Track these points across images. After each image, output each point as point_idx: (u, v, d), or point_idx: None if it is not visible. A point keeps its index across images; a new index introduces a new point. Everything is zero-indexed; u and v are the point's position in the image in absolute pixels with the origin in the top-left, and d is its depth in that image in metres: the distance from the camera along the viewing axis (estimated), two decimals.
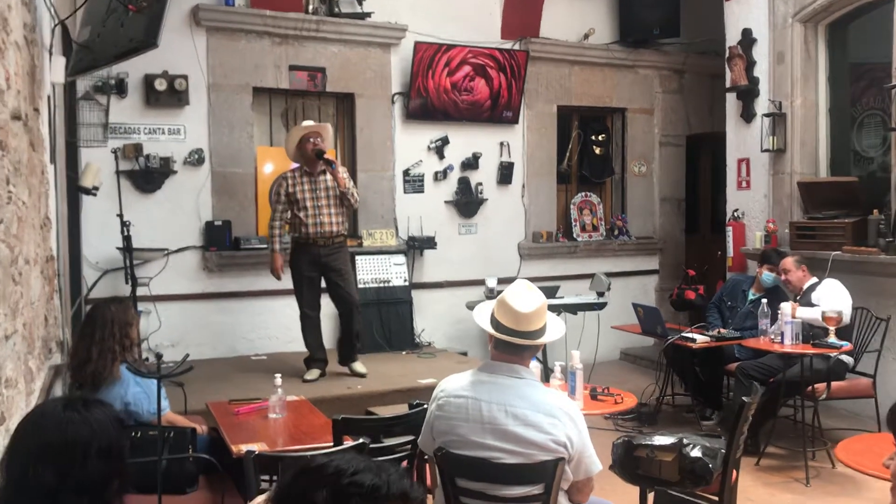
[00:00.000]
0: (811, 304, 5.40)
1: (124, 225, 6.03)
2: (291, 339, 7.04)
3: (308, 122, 6.07)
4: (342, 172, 5.96)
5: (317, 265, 5.99)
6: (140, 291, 6.23)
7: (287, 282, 6.97)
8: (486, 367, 2.79)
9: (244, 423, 3.83)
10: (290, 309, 7.02)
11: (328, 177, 5.92)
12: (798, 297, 5.62)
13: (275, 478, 2.85)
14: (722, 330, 6.02)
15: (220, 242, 6.79)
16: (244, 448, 3.34)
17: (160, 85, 6.50)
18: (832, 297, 5.36)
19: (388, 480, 1.42)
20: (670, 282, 8.58)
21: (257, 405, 4.06)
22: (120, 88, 6.41)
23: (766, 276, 5.94)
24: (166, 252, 6.62)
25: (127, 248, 6.06)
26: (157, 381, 3.24)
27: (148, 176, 6.57)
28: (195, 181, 6.76)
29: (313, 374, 6.03)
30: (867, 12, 6.46)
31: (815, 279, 5.67)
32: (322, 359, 6.16)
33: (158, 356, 3.20)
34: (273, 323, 7.05)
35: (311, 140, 5.86)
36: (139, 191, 6.58)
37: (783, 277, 5.76)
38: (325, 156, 5.88)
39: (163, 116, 6.64)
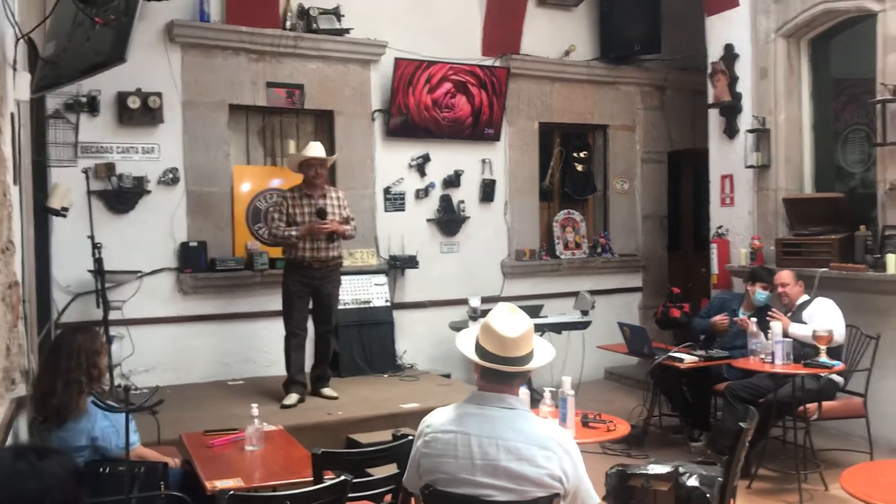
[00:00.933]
0: (802, 322, 5.31)
1: (95, 247, 5.80)
2: (269, 362, 6.87)
3: (316, 149, 5.94)
4: (339, 207, 5.97)
5: (309, 286, 5.93)
6: (112, 315, 6.00)
7: (264, 303, 6.84)
8: (473, 398, 2.63)
9: (219, 457, 3.65)
10: (267, 332, 6.87)
11: (327, 201, 5.90)
12: (790, 313, 5.53)
13: None
14: (709, 350, 5.92)
15: (195, 264, 6.60)
16: (219, 484, 3.17)
17: (133, 103, 6.33)
18: (824, 317, 5.28)
19: None
20: (654, 299, 8.50)
21: (233, 437, 3.88)
22: (92, 106, 6.23)
23: (760, 294, 5.83)
24: (140, 274, 6.43)
25: (98, 271, 5.82)
26: (125, 414, 3.06)
27: (121, 196, 6.38)
28: (170, 201, 6.58)
29: (292, 398, 5.86)
30: (849, 27, 6.44)
31: (807, 296, 5.59)
32: (302, 382, 6.01)
33: (126, 388, 3.03)
34: (250, 347, 6.85)
35: (315, 167, 5.84)
36: (111, 211, 6.39)
37: (780, 290, 5.66)
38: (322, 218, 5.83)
39: (136, 135, 6.46)
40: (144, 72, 6.31)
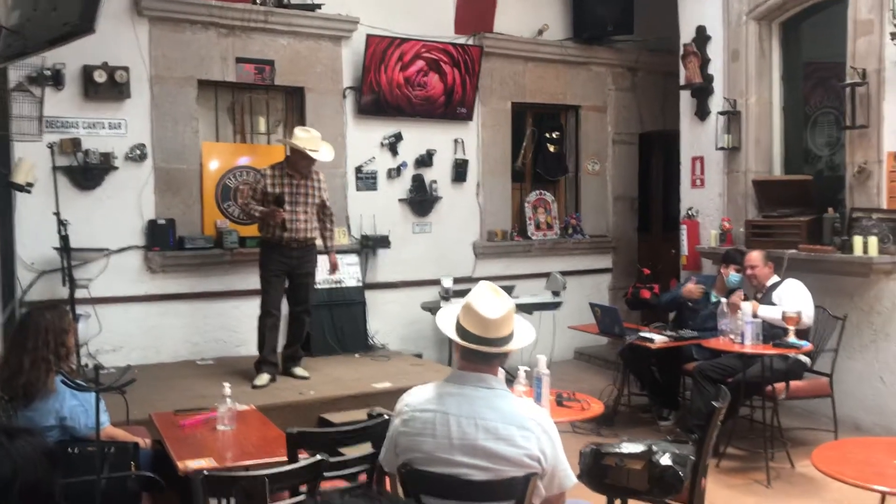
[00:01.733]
0: (771, 303, 5.37)
1: (61, 224, 5.73)
2: (239, 342, 6.82)
3: (325, 153, 5.86)
4: (318, 189, 5.94)
5: (287, 266, 5.87)
6: (79, 294, 5.92)
7: (234, 282, 6.77)
8: (453, 377, 2.62)
9: (191, 437, 3.61)
10: (237, 311, 6.82)
11: (309, 182, 5.86)
12: (759, 295, 5.59)
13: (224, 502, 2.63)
14: (680, 330, 5.97)
15: (163, 242, 6.50)
16: (191, 464, 3.14)
17: (100, 77, 6.19)
18: (794, 298, 5.34)
19: None
20: (624, 280, 8.55)
21: (204, 416, 3.83)
22: (56, 80, 6.09)
23: (734, 276, 5.88)
24: (107, 252, 6.32)
25: (64, 248, 5.75)
26: (95, 393, 3.00)
27: (87, 172, 6.25)
28: (137, 178, 6.46)
29: (263, 379, 5.81)
30: (820, 11, 6.47)
31: (776, 278, 5.65)
32: (274, 363, 5.96)
33: (97, 367, 2.97)
34: (220, 326, 6.79)
35: (309, 158, 5.75)
36: (77, 188, 6.26)
37: (749, 272, 5.70)
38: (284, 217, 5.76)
39: (102, 110, 6.32)
40: (111, 45, 6.17)
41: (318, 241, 6.08)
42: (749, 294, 5.65)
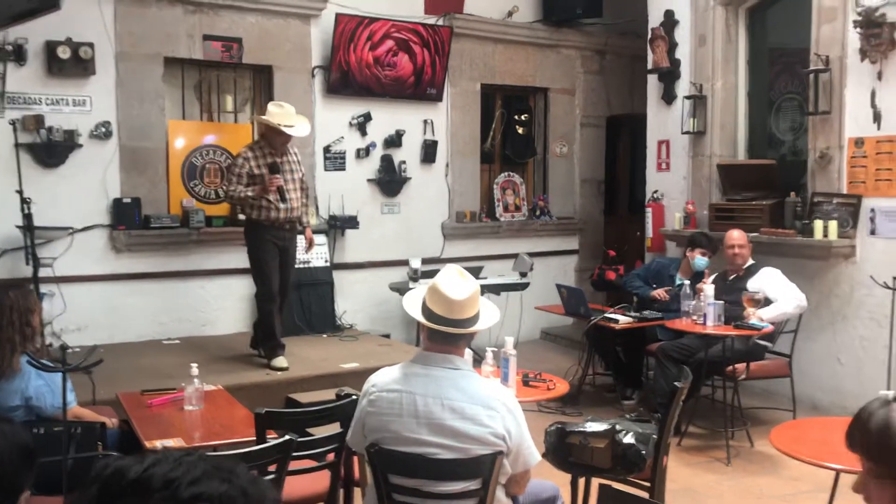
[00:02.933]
0: (746, 289, 5.42)
1: (24, 202, 5.65)
2: (205, 321, 6.80)
3: (300, 128, 5.74)
4: (298, 165, 5.86)
5: (278, 248, 5.76)
6: (43, 273, 5.86)
7: (200, 262, 6.74)
8: (419, 358, 2.66)
9: (158, 416, 3.61)
10: (203, 291, 6.79)
11: (291, 157, 5.78)
12: (735, 276, 5.65)
13: None
14: (644, 311, 6.06)
15: (128, 221, 6.43)
16: (158, 444, 3.14)
17: (63, 53, 6.09)
18: (781, 287, 5.41)
19: (243, 488, 1.02)
20: (590, 262, 8.64)
21: (172, 396, 3.83)
22: (18, 55, 5.98)
23: (700, 259, 5.95)
24: (71, 231, 6.24)
25: (28, 227, 5.68)
26: (62, 374, 2.99)
27: (50, 150, 6.16)
28: (102, 156, 6.38)
29: (283, 361, 5.71)
30: None
31: (752, 260, 5.73)
32: (284, 345, 5.88)
33: (63, 347, 2.96)
34: (186, 305, 6.76)
35: (285, 135, 5.63)
36: (41, 165, 6.16)
37: (734, 251, 5.66)
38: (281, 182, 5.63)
39: (66, 86, 6.22)
40: (75, 21, 6.07)
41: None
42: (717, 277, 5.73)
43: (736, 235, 5.73)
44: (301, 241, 6.06)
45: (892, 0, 5.40)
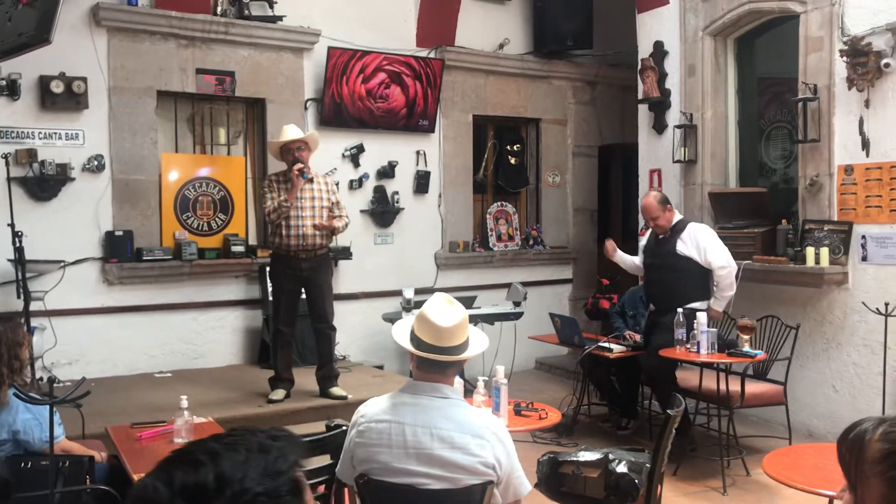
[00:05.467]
0: (676, 250, 5.48)
1: (16, 235, 5.64)
2: (197, 354, 6.77)
3: (292, 132, 5.71)
4: (327, 192, 5.72)
5: (298, 279, 5.64)
6: (34, 306, 5.83)
7: (193, 294, 6.73)
8: (408, 387, 2.64)
9: (147, 450, 3.57)
10: (195, 323, 6.77)
11: (315, 185, 5.66)
12: (662, 236, 5.66)
13: None
14: (638, 338, 6.05)
15: (121, 253, 6.43)
16: None
17: (57, 87, 6.12)
18: (710, 246, 5.48)
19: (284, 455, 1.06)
20: (584, 291, 8.64)
21: (161, 429, 3.80)
22: (12, 90, 6.01)
23: None
24: (63, 264, 6.23)
25: (19, 260, 5.66)
26: (49, 406, 2.96)
27: (43, 183, 6.17)
28: (95, 189, 6.39)
29: (279, 394, 5.68)
30: (773, 28, 6.63)
31: (679, 215, 5.74)
32: (289, 379, 5.79)
33: (51, 380, 2.93)
34: (177, 338, 6.72)
35: (293, 151, 5.59)
36: (33, 199, 6.17)
37: (651, 224, 5.67)
38: (306, 172, 5.56)
39: (60, 120, 6.25)
40: (68, 55, 6.12)
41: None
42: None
43: (648, 207, 5.63)
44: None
45: (877, 29, 5.47)
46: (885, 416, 1.67)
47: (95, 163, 6.36)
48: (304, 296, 5.80)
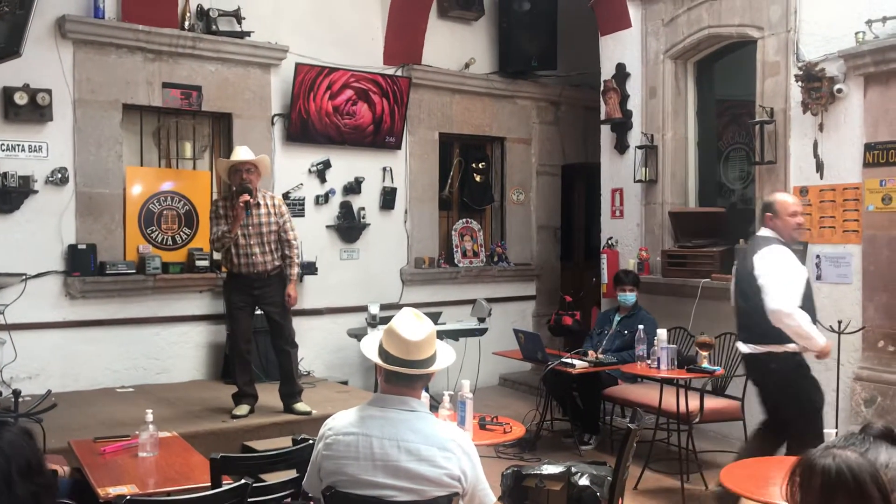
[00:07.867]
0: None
1: None
2: (161, 369, 6.72)
3: (243, 153, 5.68)
4: (274, 214, 5.66)
5: (250, 296, 5.65)
6: None
7: (156, 309, 6.69)
8: (376, 400, 2.69)
9: (111, 463, 3.56)
10: (158, 338, 6.73)
11: (262, 211, 5.61)
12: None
13: None
14: (599, 355, 6.15)
15: (84, 267, 6.37)
16: (112, 491, 3.10)
17: (20, 98, 6.07)
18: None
19: None
20: (547, 307, 8.74)
21: (125, 443, 3.79)
22: None
23: (624, 296, 6.40)
24: (24, 277, 6.16)
25: None
26: (14, 420, 2.95)
27: (5, 196, 6.10)
28: (58, 202, 6.34)
29: (243, 409, 5.64)
30: (732, 52, 6.82)
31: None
32: (253, 394, 5.76)
33: (16, 393, 2.92)
34: (140, 353, 6.67)
35: (242, 172, 5.56)
36: None
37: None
38: (250, 206, 5.51)
39: (23, 132, 6.20)
40: (33, 67, 6.07)
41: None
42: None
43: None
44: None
45: (830, 56, 5.66)
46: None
47: (59, 175, 6.31)
48: (259, 311, 5.81)
